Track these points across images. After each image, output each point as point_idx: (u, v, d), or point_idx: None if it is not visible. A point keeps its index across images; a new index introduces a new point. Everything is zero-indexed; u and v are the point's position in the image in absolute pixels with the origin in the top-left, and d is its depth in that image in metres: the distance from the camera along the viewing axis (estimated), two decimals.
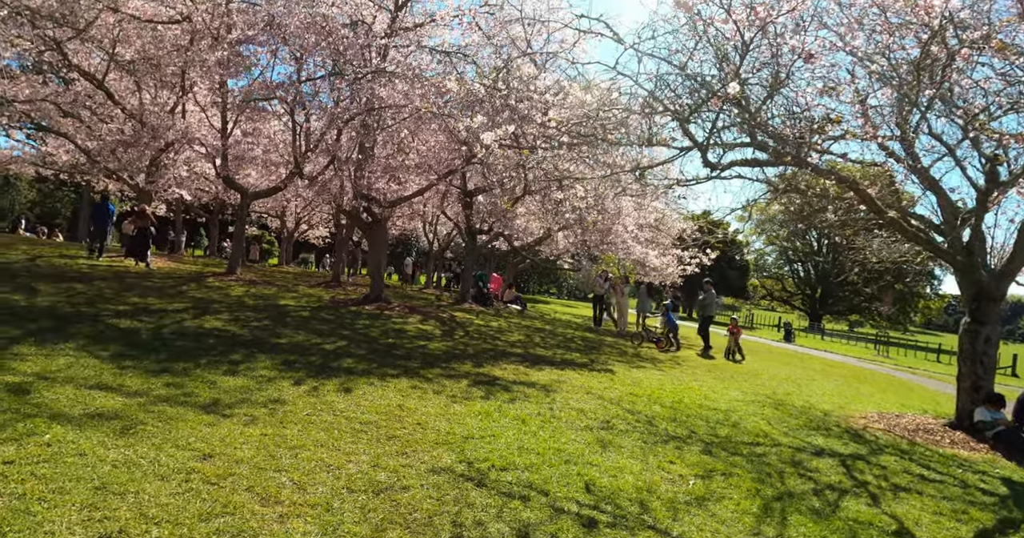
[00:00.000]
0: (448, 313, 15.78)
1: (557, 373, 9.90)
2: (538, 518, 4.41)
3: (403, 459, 5.28)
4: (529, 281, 51.89)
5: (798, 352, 24.08)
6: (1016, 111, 8.34)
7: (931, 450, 8.15)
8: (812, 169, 8.42)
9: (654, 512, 4.77)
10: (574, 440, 6.37)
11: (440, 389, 7.82)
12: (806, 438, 7.87)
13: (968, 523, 5.59)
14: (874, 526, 5.16)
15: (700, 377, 11.59)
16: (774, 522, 4.93)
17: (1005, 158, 8.71)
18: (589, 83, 10.08)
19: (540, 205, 16.58)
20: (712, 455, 6.51)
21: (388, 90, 12.31)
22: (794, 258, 58.77)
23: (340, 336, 10.54)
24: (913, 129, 8.27)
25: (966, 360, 9.69)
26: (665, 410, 8.24)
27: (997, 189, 8.54)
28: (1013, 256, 9.55)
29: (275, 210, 29.50)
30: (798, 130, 8.45)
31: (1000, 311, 10.02)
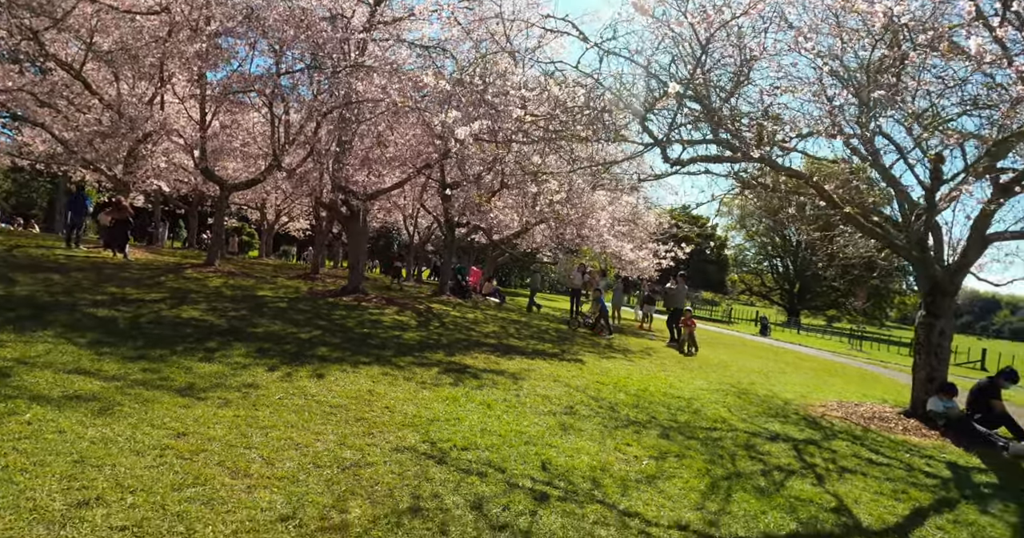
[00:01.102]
0: (425, 305, 16.03)
1: (527, 362, 10.18)
2: (493, 492, 4.69)
3: (369, 439, 5.53)
4: (511, 275, 52.07)
5: (772, 346, 24.55)
6: (966, 114, 8.72)
7: (883, 436, 8.51)
8: (770, 165, 8.73)
9: (605, 488, 5.07)
10: (536, 423, 6.66)
11: (411, 376, 8.08)
12: (763, 424, 8.21)
13: (906, 502, 5.93)
14: (814, 503, 5.48)
15: (669, 368, 11.92)
16: (718, 498, 5.24)
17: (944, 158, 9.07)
18: (565, 79, 10.35)
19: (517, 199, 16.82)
20: (669, 439, 6.83)
21: (365, 84, 12.49)
22: (773, 253, 59.50)
23: (316, 326, 10.75)
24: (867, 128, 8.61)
25: (921, 352, 10.08)
26: (629, 397, 8.55)
27: (942, 187, 8.89)
28: (966, 251, 9.95)
29: (255, 202, 29.54)
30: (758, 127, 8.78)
31: (954, 305, 10.43)
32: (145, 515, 3.74)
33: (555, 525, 4.26)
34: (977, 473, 7.41)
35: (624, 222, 19.79)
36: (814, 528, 4.89)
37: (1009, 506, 6.23)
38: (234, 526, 3.76)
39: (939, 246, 10.25)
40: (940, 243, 10.27)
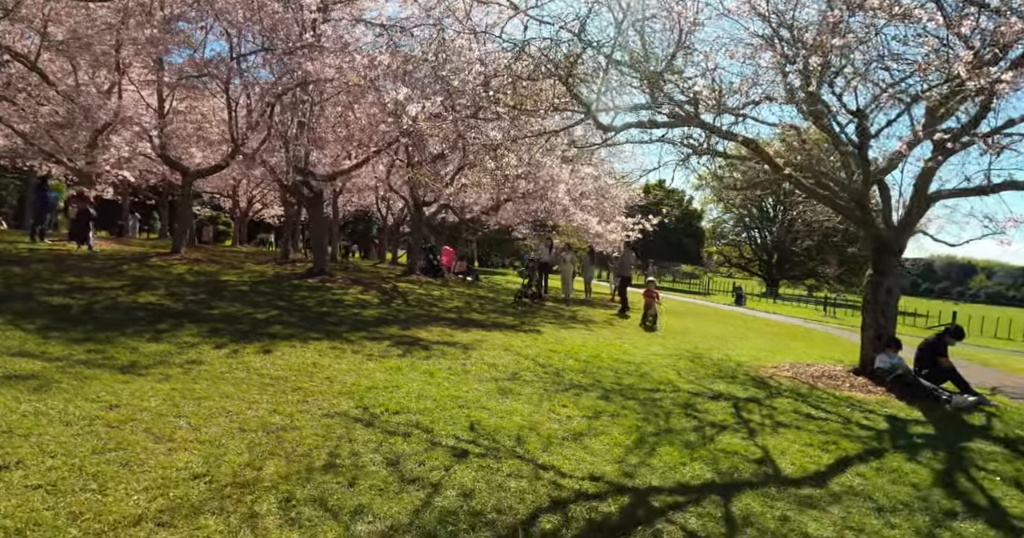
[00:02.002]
0: (392, 284, 16.10)
1: (483, 334, 10.30)
2: (413, 450, 4.81)
3: (302, 406, 5.64)
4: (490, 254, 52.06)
5: (745, 314, 24.81)
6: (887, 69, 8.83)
7: (828, 393, 8.69)
8: (711, 130, 8.82)
9: (527, 445, 5.20)
10: (476, 389, 6.79)
11: (359, 349, 8.18)
12: (709, 385, 8.37)
13: (833, 452, 6.08)
14: (739, 455, 5.63)
15: (628, 336, 12.06)
16: (642, 453, 5.38)
17: (867, 115, 9.20)
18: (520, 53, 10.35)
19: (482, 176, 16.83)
20: (608, 400, 6.97)
21: (318, 64, 12.44)
22: (751, 225, 59.79)
23: (274, 307, 10.82)
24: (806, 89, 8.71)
25: (868, 310, 10.26)
26: (578, 363, 8.68)
27: (870, 142, 9.02)
28: (909, 210, 10.12)
29: (226, 190, 29.37)
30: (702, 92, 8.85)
31: (900, 263, 10.61)
32: (61, 476, 3.87)
33: (467, 478, 4.39)
34: (915, 425, 7.60)
35: (589, 195, 19.84)
36: (731, 477, 5.03)
37: (938, 455, 6.41)
38: (146, 483, 3.88)
39: (887, 206, 10.41)
40: (888, 203, 10.42)
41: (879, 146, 12.12)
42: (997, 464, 6.37)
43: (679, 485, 4.74)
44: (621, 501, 4.30)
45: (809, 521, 4.36)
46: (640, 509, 4.22)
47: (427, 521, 3.74)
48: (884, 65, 8.53)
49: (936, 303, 65.42)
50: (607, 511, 4.12)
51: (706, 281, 50.77)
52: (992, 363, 14.86)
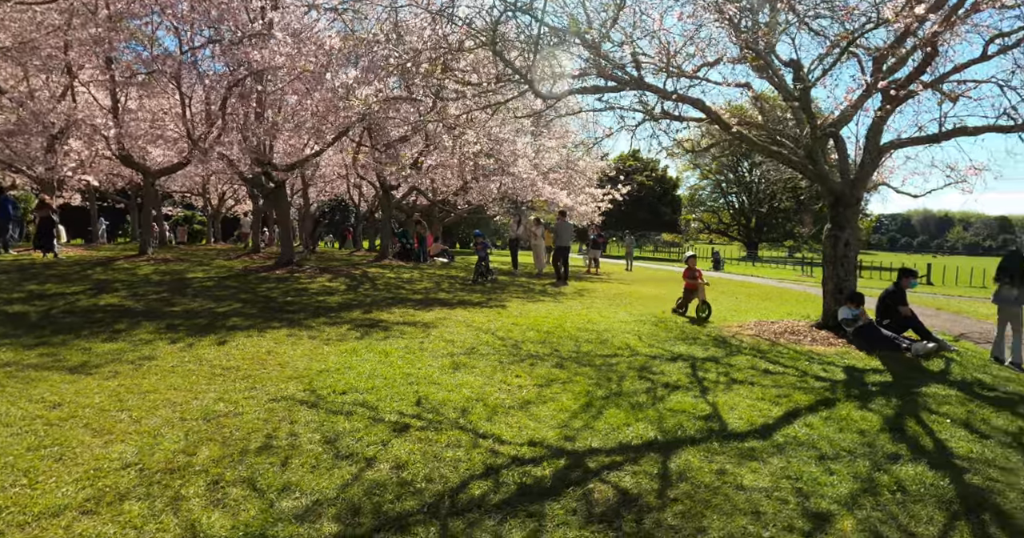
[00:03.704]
0: (362, 270, 16.05)
1: (446, 312, 10.29)
2: (353, 427, 4.82)
3: (249, 393, 5.64)
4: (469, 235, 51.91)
5: (722, 278, 24.91)
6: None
7: (789, 348, 8.77)
8: (658, 93, 8.80)
9: (471, 417, 5.22)
10: (429, 365, 6.80)
11: (316, 335, 8.16)
12: (669, 348, 8.41)
13: (783, 405, 6.14)
14: (687, 413, 5.67)
15: (595, 305, 12.07)
16: (587, 417, 5.41)
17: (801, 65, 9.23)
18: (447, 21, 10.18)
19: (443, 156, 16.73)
20: (563, 368, 7.00)
21: (266, 53, 12.26)
22: (728, 190, 59.99)
23: (237, 300, 10.75)
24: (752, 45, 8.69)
25: (828, 264, 10.34)
26: (539, 335, 8.70)
27: (809, 92, 9.04)
28: (863, 162, 10.16)
29: (196, 188, 29.06)
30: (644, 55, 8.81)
31: (857, 217, 10.68)
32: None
33: (403, 451, 4.41)
34: (873, 374, 7.68)
35: (557, 169, 19.77)
36: (674, 435, 5.06)
37: (892, 401, 6.49)
38: (78, 474, 3.90)
39: (843, 159, 10.46)
40: (844, 156, 10.47)
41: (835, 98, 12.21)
42: (950, 407, 6.46)
43: (620, 445, 4.78)
44: (557, 464, 4.34)
45: (746, 473, 4.41)
46: (575, 471, 4.25)
47: (353, 494, 3.76)
48: (817, 12, 8.53)
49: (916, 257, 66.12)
50: (540, 475, 4.15)
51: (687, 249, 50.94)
52: (964, 311, 15.03)
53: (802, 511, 3.89)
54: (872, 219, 63.09)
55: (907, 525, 3.84)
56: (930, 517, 3.97)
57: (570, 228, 17.00)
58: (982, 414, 6.31)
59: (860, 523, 3.80)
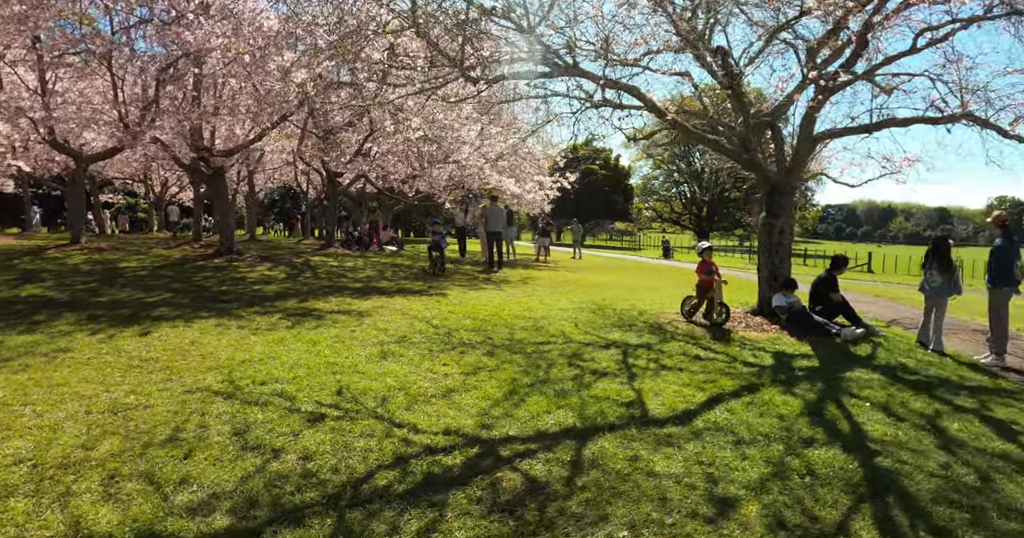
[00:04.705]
0: (305, 258, 15.79)
1: (384, 300, 10.17)
2: (267, 418, 4.72)
3: (164, 385, 5.47)
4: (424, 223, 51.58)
5: (671, 266, 25.21)
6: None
7: (722, 334, 8.87)
8: (591, 79, 8.79)
9: (390, 406, 5.16)
10: (357, 354, 6.69)
11: (246, 324, 7.98)
12: (605, 335, 8.44)
13: (708, 391, 6.19)
14: (610, 399, 5.69)
15: (537, 293, 12.04)
16: (509, 405, 5.38)
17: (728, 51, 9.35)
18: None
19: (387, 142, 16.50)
20: (493, 356, 6.96)
21: (200, 34, 11.88)
22: (680, 180, 60.68)
23: (169, 289, 10.46)
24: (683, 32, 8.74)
25: (763, 251, 10.51)
26: (475, 322, 8.64)
27: (740, 80, 9.15)
28: (796, 152, 10.32)
29: (137, 174, 28.17)
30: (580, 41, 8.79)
31: (791, 205, 10.86)
32: None
33: (313, 441, 4.34)
34: (801, 359, 7.82)
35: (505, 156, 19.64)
36: (594, 422, 5.07)
37: (815, 386, 6.62)
38: None
39: (780, 149, 10.61)
40: (781, 146, 10.62)
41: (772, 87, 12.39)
42: (871, 391, 6.62)
43: (537, 433, 4.77)
44: (469, 453, 4.31)
45: (660, 459, 4.44)
46: (487, 460, 4.22)
47: (253, 486, 3.68)
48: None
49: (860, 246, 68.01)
50: (450, 464, 4.11)
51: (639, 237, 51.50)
52: (900, 298, 15.46)
53: (709, 497, 3.93)
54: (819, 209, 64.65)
55: (811, 509, 3.90)
56: (835, 500, 4.05)
57: (502, 213, 16.90)
58: (901, 397, 6.48)
59: (765, 508, 3.85)
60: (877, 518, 3.86)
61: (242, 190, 28.24)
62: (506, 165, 19.74)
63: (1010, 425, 5.91)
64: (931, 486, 4.37)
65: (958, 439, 5.39)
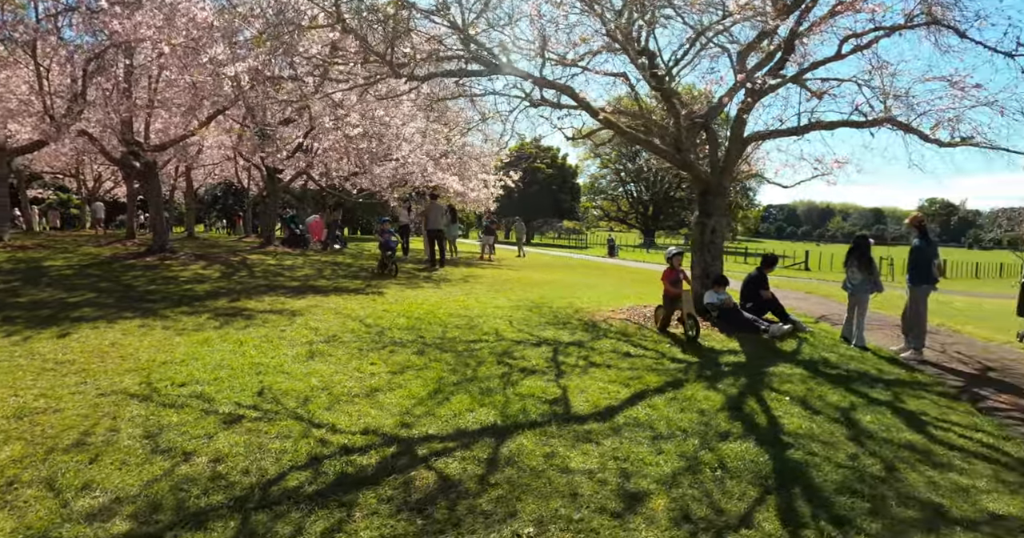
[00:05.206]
0: (242, 257, 15.48)
1: (319, 299, 10.05)
2: (181, 421, 4.63)
3: (78, 388, 5.32)
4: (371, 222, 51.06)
5: (615, 264, 25.56)
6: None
7: (654, 331, 9.02)
8: (524, 77, 8.86)
9: (311, 406, 5.12)
10: (284, 354, 6.61)
11: (171, 325, 7.79)
12: (538, 332, 8.51)
13: (633, 387, 6.31)
14: (535, 397, 5.75)
15: (475, 291, 12.06)
16: (433, 403, 5.39)
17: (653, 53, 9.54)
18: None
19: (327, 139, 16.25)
20: (423, 355, 6.95)
21: (129, 24, 11.52)
22: (627, 179, 61.48)
23: (95, 289, 10.14)
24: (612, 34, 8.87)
25: (696, 250, 10.72)
26: (408, 321, 8.62)
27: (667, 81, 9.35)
28: (728, 152, 10.57)
29: (68, 169, 27.16)
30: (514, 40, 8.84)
31: (724, 205, 11.13)
32: None
33: (226, 443, 4.28)
34: (729, 355, 8.01)
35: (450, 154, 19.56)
36: (515, 420, 5.11)
37: (739, 381, 6.80)
38: None
39: (713, 150, 10.84)
40: (715, 147, 10.85)
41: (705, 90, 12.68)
42: (791, 385, 6.83)
43: (457, 431, 4.80)
44: (385, 452, 4.31)
45: (577, 455, 4.51)
46: (403, 458, 4.24)
47: (158, 490, 3.61)
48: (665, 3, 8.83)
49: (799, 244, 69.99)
50: (364, 463, 4.11)
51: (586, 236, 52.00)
52: (832, 295, 15.96)
53: (620, 492, 4.02)
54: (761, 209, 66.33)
55: (718, 502, 4.02)
56: (742, 493, 4.18)
57: (442, 210, 16.90)
58: (820, 391, 6.72)
59: (673, 501, 3.95)
60: (781, 509, 4.00)
61: (180, 186, 27.52)
62: (450, 163, 19.67)
63: (919, 416, 6.18)
64: (837, 477, 4.54)
65: (869, 430, 5.62)
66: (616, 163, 58.75)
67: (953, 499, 4.34)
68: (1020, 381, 8.10)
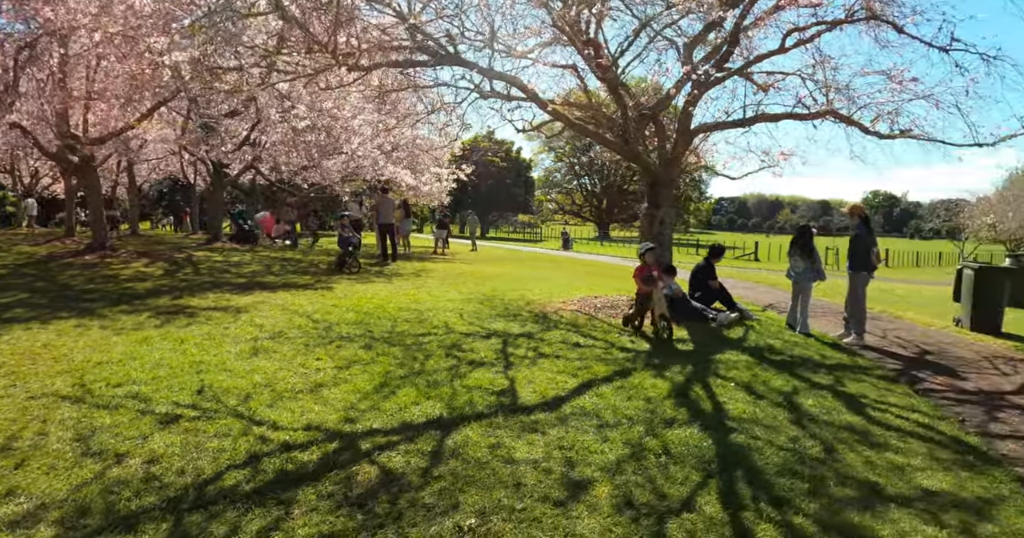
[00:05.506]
0: (188, 254, 15.11)
1: (266, 295, 9.86)
2: (115, 422, 4.49)
3: (6, 391, 5.12)
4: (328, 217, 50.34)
5: (569, 257, 25.69)
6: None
7: (604, 322, 9.07)
8: (471, 68, 8.81)
9: (252, 403, 5.01)
10: (227, 352, 6.46)
11: (109, 324, 7.55)
12: (488, 325, 8.48)
13: (581, 376, 6.33)
14: (482, 388, 5.73)
15: (427, 285, 11.96)
16: (378, 397, 5.33)
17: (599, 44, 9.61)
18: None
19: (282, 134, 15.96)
20: (370, 349, 6.87)
21: (62, 11, 11.08)
22: (581, 172, 61.85)
23: (29, 289, 9.77)
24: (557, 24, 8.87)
25: (644, 241, 10.83)
26: (357, 316, 8.51)
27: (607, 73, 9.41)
28: (676, 144, 10.68)
29: (2, 164, 26.09)
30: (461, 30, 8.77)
31: (672, 196, 11.26)
32: None
33: (162, 444, 4.16)
34: (677, 343, 8.11)
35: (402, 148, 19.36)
36: (461, 412, 5.09)
37: (686, 369, 6.88)
38: None
39: (662, 142, 10.94)
40: (664, 139, 10.95)
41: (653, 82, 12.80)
42: (737, 372, 6.95)
43: (403, 425, 4.76)
44: (327, 448, 4.24)
45: (522, 445, 4.51)
46: (345, 453, 4.18)
47: (87, 494, 3.49)
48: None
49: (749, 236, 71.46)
50: (305, 460, 4.04)
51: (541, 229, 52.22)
52: (780, 284, 16.28)
53: (564, 480, 4.03)
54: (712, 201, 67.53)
55: (661, 487, 4.06)
56: (685, 478, 4.22)
57: (393, 204, 16.76)
58: (764, 377, 6.85)
59: (616, 488, 3.98)
60: (722, 492, 4.05)
61: (123, 182, 26.69)
62: (402, 156, 19.47)
63: (859, 399, 6.36)
64: (778, 459, 4.63)
65: (810, 414, 5.75)
66: (570, 156, 59.05)
67: (889, 477, 4.47)
68: (955, 363, 8.40)
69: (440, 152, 21.71)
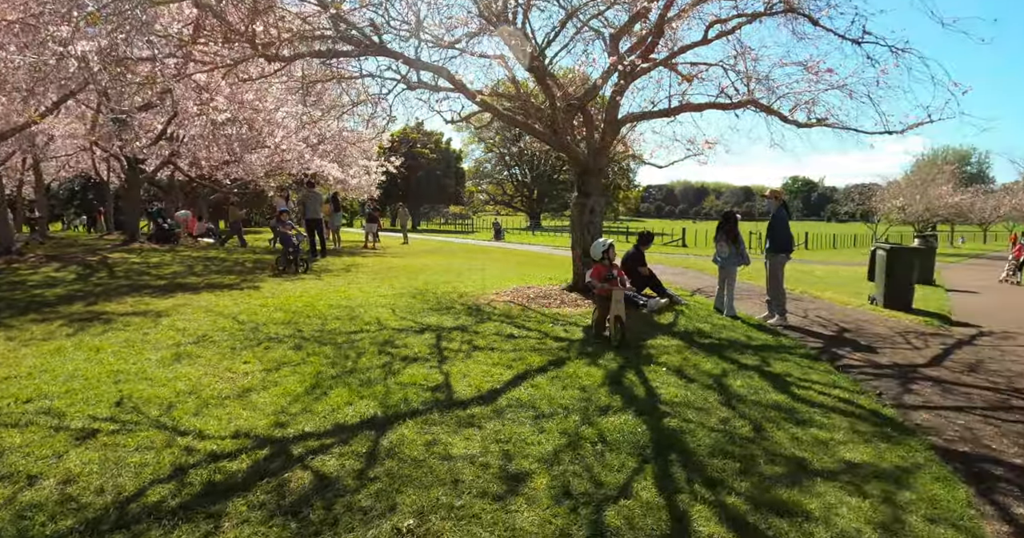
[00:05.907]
0: (102, 256, 14.40)
1: (188, 298, 9.49)
2: (26, 441, 4.22)
3: None
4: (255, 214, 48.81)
5: (501, 248, 25.71)
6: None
7: (538, 312, 9.10)
8: (397, 58, 8.67)
9: (176, 413, 4.80)
10: (147, 359, 6.18)
11: (16, 335, 7.10)
12: (421, 319, 8.39)
13: (515, 368, 6.33)
14: (416, 385, 5.65)
15: (358, 281, 11.76)
16: (310, 399, 5.19)
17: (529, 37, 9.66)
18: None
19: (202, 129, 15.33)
20: (300, 349, 6.69)
21: None
22: (511, 163, 61.96)
23: None
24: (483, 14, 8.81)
25: (576, 229, 10.95)
26: (285, 315, 8.29)
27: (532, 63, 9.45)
28: (603, 134, 10.79)
29: None
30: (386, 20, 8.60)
31: (601, 184, 11.38)
32: None
33: (78, 462, 3.93)
34: None
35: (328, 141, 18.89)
36: (396, 410, 5.01)
37: (619, 355, 6.96)
38: None
39: (590, 132, 11.03)
40: (592, 129, 11.04)
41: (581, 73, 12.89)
42: (668, 357, 7.09)
43: (336, 426, 4.65)
44: (257, 455, 4.11)
45: (459, 441, 4.48)
46: (277, 460, 4.05)
47: None
48: None
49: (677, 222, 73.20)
50: (235, 469, 3.90)
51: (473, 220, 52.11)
52: (707, 269, 16.68)
53: (502, 474, 4.02)
54: (640, 189, 68.84)
55: (598, 475, 4.09)
56: (622, 464, 4.27)
57: (320, 198, 16.47)
58: (695, 360, 7.01)
59: (554, 479, 3.99)
60: (658, 477, 4.12)
61: (29, 180, 25.26)
62: (329, 149, 19.03)
63: (784, 378, 6.58)
64: (710, 441, 4.74)
65: (739, 394, 5.91)
66: (500, 147, 59.03)
67: (814, 452, 4.64)
68: (872, 340, 8.80)
69: (368, 144, 21.32)
